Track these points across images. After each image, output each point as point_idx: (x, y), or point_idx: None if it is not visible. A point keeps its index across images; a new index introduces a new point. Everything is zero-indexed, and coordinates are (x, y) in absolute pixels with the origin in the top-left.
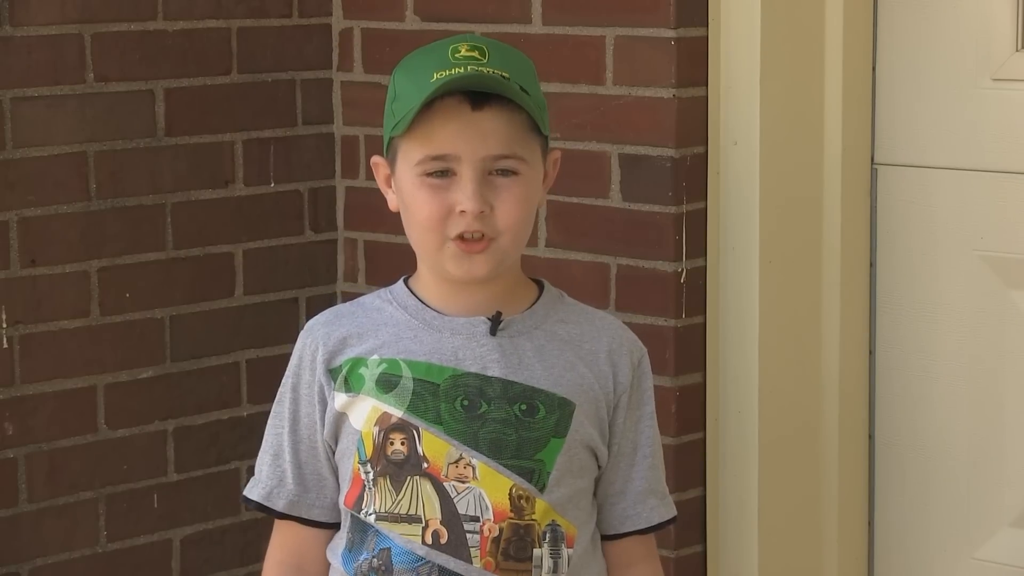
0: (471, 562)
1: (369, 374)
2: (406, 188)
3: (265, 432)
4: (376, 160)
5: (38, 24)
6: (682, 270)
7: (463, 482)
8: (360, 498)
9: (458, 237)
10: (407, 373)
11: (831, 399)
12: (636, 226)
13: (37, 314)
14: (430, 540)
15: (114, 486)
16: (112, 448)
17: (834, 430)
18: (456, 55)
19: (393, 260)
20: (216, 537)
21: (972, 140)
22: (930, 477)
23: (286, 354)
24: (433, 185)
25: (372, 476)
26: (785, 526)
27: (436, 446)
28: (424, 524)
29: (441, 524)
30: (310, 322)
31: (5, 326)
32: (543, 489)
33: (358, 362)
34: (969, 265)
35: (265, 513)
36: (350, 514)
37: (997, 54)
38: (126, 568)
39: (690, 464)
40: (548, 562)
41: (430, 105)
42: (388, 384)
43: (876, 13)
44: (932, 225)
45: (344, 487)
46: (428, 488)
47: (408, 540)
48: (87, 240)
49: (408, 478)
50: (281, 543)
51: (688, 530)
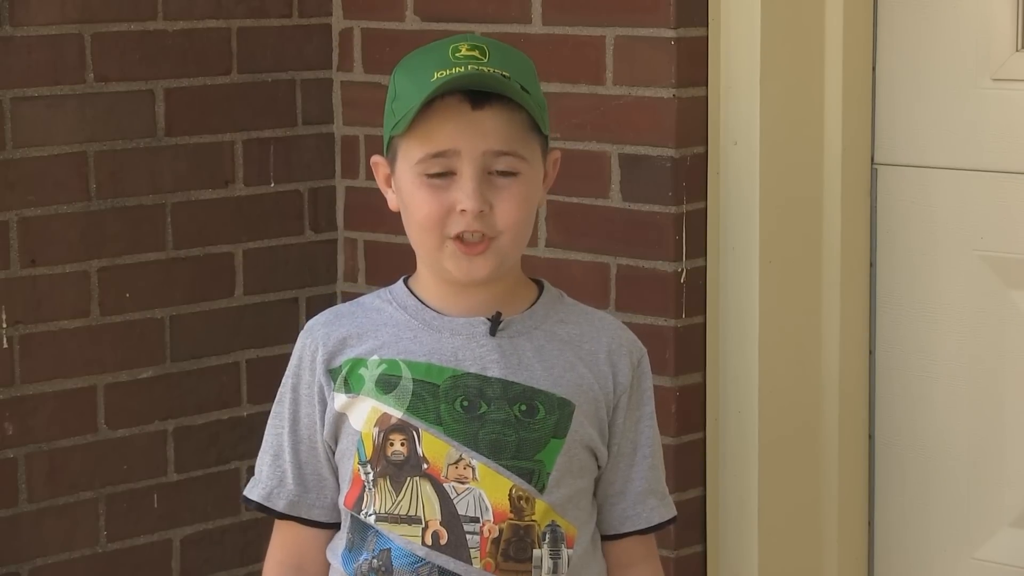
0: (471, 563)
1: (369, 375)
2: (406, 187)
3: (265, 432)
4: (376, 159)
5: (38, 24)
6: (682, 270)
7: (463, 483)
8: (360, 499)
9: (457, 238)
10: (407, 374)
11: (831, 399)
12: (636, 226)
13: (37, 314)
14: (430, 541)
15: (114, 486)
16: (112, 448)
17: (834, 430)
18: (457, 54)
19: (393, 260)
20: (216, 537)
21: (972, 140)
22: (930, 477)
23: (286, 354)
24: (433, 185)
25: (372, 477)
26: (785, 526)
27: (436, 447)
28: (424, 525)
29: (441, 525)
30: (310, 322)
31: (5, 326)
32: (543, 490)
33: (358, 363)
34: (969, 265)
35: (265, 513)
36: (350, 515)
37: (997, 54)
38: (126, 568)
39: (690, 464)
40: (548, 563)
41: (430, 104)
42: (388, 385)
43: (876, 13)
44: (932, 225)
45: (344, 487)
46: (428, 489)
47: (408, 541)
48: (87, 240)
49: (408, 479)
50: (281, 543)
51: (688, 530)
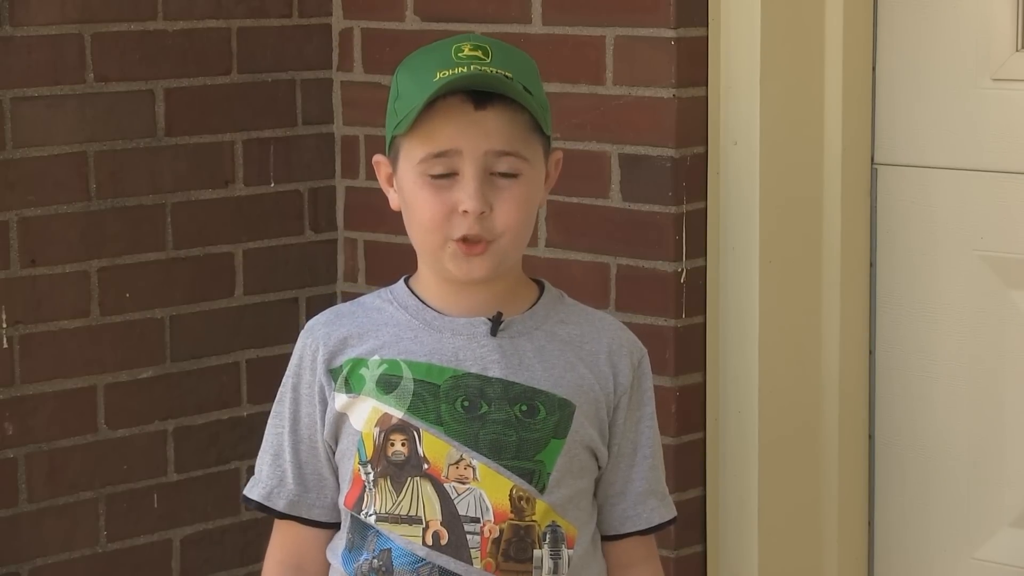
0: (471, 563)
1: (369, 375)
2: (408, 187)
3: (265, 432)
4: (378, 159)
5: (38, 24)
6: (682, 270)
7: (463, 483)
8: (360, 499)
9: (460, 239)
10: (407, 374)
11: (831, 399)
12: (636, 226)
13: (37, 314)
14: (430, 541)
15: (114, 486)
16: (112, 448)
17: (834, 430)
18: (459, 54)
19: (393, 260)
20: (216, 537)
21: (972, 140)
22: (930, 477)
23: (286, 354)
24: (435, 185)
25: (372, 477)
26: (785, 526)
27: (436, 447)
28: (424, 525)
29: (441, 525)
30: (310, 322)
31: (5, 326)
32: (543, 490)
33: (358, 363)
34: (969, 265)
35: (265, 513)
36: (350, 514)
37: (997, 54)
38: (126, 568)
39: (690, 464)
40: (548, 563)
41: (433, 104)
42: (389, 385)
43: (876, 13)
44: (932, 225)
45: (344, 487)
46: (428, 489)
47: (408, 541)
48: (87, 240)
49: (408, 479)
50: (281, 543)
51: (688, 530)
